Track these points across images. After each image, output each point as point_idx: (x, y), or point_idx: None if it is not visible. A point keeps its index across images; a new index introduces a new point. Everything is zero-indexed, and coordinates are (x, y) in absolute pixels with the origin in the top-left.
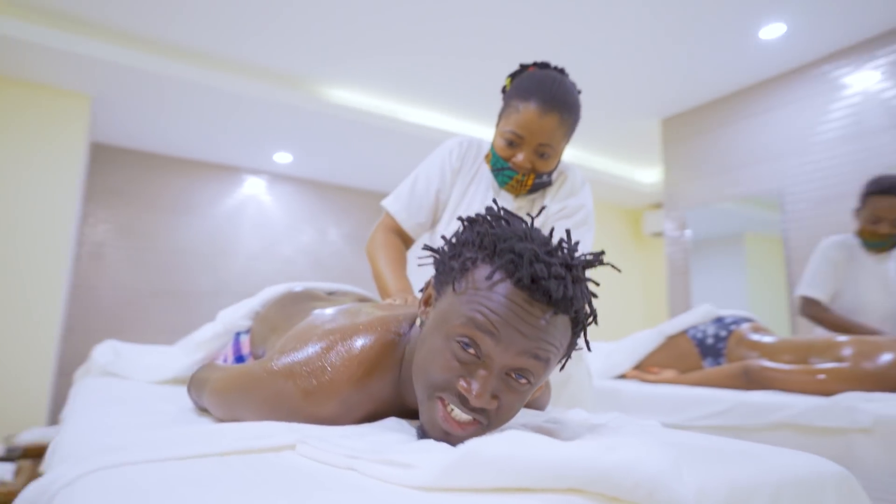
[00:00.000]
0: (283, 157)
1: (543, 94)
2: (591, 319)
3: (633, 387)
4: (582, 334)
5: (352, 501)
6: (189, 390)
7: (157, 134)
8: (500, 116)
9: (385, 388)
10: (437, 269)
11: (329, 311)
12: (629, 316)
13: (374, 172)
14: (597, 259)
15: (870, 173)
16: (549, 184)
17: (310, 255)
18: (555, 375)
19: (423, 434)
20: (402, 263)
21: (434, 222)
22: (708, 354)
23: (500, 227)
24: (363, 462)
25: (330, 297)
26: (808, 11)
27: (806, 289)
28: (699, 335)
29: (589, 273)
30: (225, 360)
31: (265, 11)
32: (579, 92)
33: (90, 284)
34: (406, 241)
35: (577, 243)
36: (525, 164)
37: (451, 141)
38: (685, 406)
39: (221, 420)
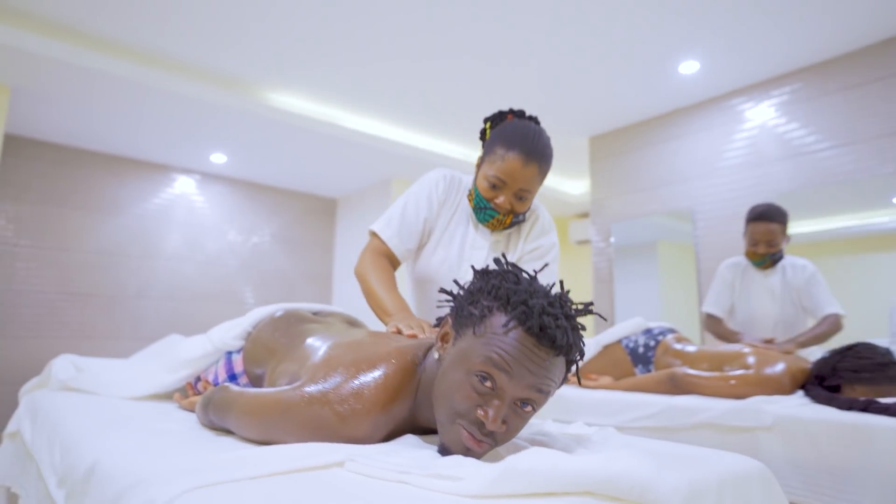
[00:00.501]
0: (217, 158)
1: (526, 146)
2: (580, 358)
3: (574, 392)
4: (573, 369)
5: None
6: (205, 410)
7: (82, 128)
8: (483, 159)
9: (404, 409)
10: (455, 312)
11: (347, 340)
12: None
13: (311, 176)
14: (587, 309)
15: (765, 197)
16: (522, 221)
17: (241, 255)
18: None
19: (444, 450)
20: (395, 284)
21: (419, 248)
22: (639, 362)
23: (510, 280)
24: (414, 476)
25: (317, 316)
26: (718, 52)
27: (706, 306)
28: (631, 345)
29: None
30: (216, 378)
31: (204, 10)
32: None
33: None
34: (394, 263)
35: (568, 291)
36: (505, 205)
37: (436, 173)
38: (621, 409)
39: (252, 440)
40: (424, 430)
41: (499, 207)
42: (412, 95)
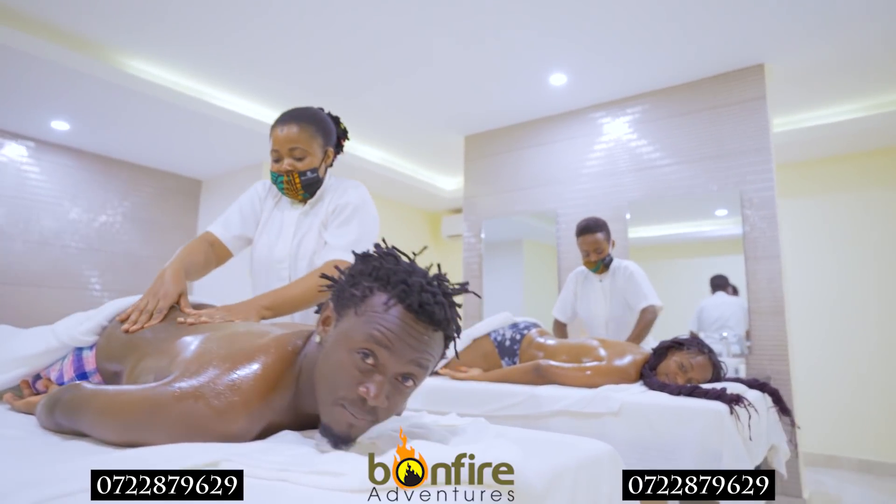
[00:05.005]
0: (59, 125)
1: (281, 117)
2: (457, 335)
3: (445, 383)
4: (451, 345)
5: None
6: (50, 412)
7: None
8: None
9: (284, 399)
10: (335, 295)
11: (222, 332)
12: None
13: (173, 153)
14: (463, 288)
15: (618, 204)
16: (318, 181)
17: (86, 236)
18: None
19: (325, 431)
20: (192, 260)
21: (250, 241)
22: (505, 354)
23: (389, 261)
24: (294, 473)
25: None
26: (583, 69)
27: (555, 311)
28: (499, 338)
29: None
30: (60, 377)
31: None
32: (321, 110)
33: None
34: (221, 252)
35: (446, 273)
36: (284, 167)
37: (258, 183)
38: (490, 399)
39: (114, 443)
40: (307, 416)
41: (282, 172)
42: (286, 77)
